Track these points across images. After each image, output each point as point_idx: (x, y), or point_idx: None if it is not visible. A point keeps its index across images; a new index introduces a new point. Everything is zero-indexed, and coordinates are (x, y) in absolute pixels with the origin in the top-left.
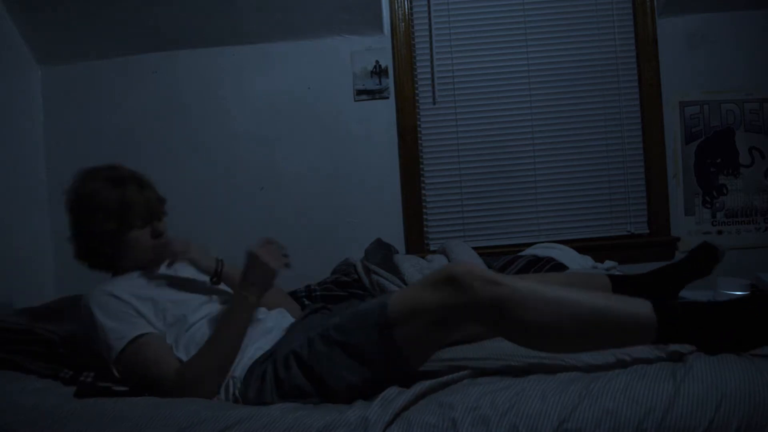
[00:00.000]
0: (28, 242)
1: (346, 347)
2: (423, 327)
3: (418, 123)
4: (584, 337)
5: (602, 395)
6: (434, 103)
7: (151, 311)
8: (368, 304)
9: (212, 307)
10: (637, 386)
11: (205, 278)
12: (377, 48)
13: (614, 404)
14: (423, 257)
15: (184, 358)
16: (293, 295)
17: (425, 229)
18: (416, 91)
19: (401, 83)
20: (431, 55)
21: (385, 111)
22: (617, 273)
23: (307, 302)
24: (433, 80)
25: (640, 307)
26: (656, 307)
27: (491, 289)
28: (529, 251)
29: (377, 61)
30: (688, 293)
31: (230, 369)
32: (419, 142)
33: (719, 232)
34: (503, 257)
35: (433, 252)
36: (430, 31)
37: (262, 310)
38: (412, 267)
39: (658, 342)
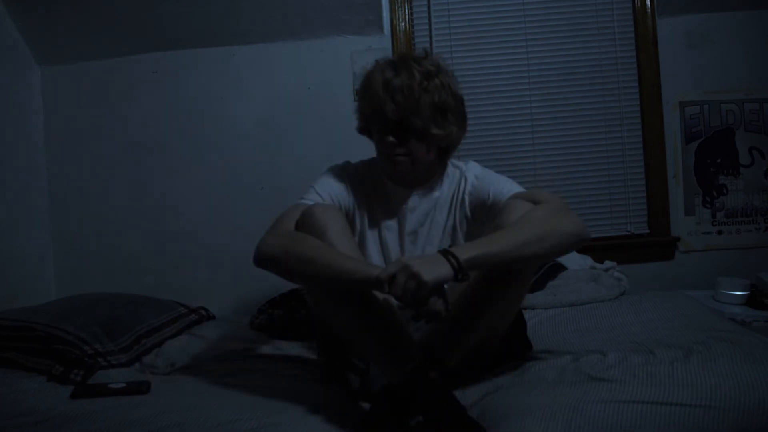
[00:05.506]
0: (28, 242)
1: None
2: None
3: None
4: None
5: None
6: None
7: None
8: None
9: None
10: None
11: None
12: (377, 48)
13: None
14: None
15: None
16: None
17: None
18: None
19: None
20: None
21: None
22: None
23: None
24: None
25: None
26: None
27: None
28: None
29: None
30: (690, 293)
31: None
32: None
33: (719, 233)
34: None
35: None
36: (430, 31)
37: None
38: None
39: None
